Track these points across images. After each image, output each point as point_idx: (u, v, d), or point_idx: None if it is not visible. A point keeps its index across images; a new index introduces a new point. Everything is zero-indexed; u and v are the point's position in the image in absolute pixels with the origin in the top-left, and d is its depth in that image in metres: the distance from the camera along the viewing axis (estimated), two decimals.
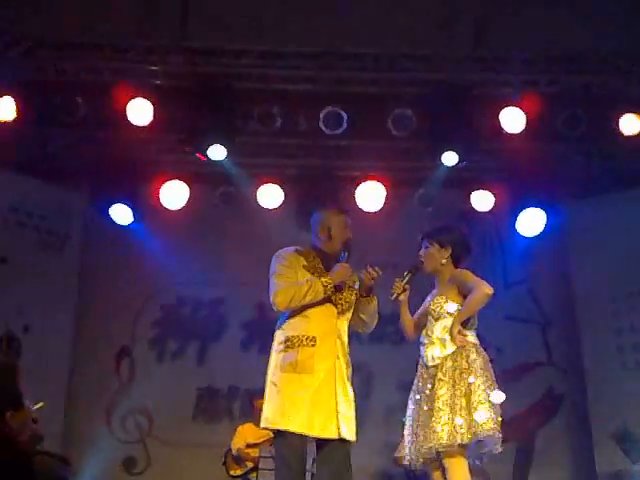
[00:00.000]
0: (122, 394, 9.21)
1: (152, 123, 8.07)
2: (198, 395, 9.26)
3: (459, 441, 4.49)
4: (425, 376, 4.75)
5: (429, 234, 5.05)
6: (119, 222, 8.74)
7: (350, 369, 4.58)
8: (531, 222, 8.61)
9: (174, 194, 8.82)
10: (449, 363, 4.67)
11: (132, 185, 8.81)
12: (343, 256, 4.61)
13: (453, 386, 4.60)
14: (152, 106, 8.00)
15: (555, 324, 9.39)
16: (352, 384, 4.59)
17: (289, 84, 8.28)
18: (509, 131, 8.00)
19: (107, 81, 8.12)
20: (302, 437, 4.33)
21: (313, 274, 4.54)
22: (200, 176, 8.96)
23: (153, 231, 9.01)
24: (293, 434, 4.30)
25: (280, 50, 8.07)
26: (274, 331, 4.67)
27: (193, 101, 8.12)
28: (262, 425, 4.48)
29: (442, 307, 4.82)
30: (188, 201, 8.87)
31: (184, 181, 8.85)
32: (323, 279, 4.46)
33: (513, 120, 7.93)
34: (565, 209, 8.81)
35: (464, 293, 4.80)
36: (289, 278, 4.52)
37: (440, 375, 4.64)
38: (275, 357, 4.51)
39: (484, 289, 4.67)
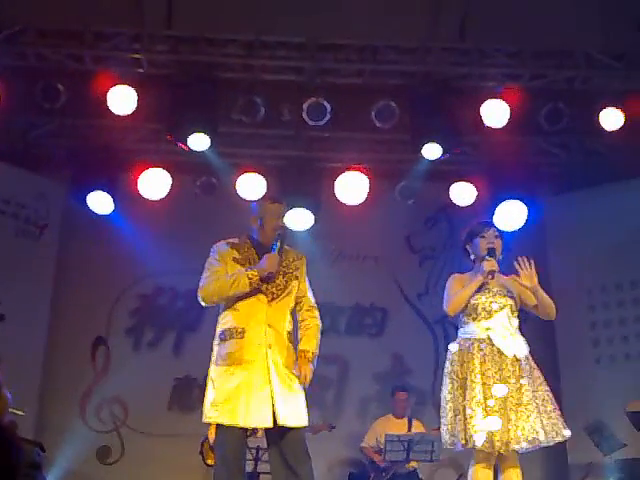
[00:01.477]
0: (97, 383, 9.15)
1: (134, 111, 8.02)
2: (174, 385, 9.22)
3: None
4: (503, 365, 4.72)
5: (496, 227, 5.08)
6: (97, 211, 8.64)
7: (292, 357, 4.54)
8: (510, 216, 8.64)
9: (154, 184, 8.74)
10: (530, 362, 4.78)
11: (112, 174, 8.73)
12: (274, 246, 4.56)
13: (534, 384, 4.72)
14: (134, 94, 7.95)
15: (530, 317, 9.43)
16: (295, 372, 4.53)
17: (273, 74, 8.29)
18: (492, 125, 8.05)
19: (89, 69, 8.08)
20: (236, 429, 4.35)
21: (244, 265, 4.53)
22: (181, 166, 8.89)
23: (132, 220, 8.94)
24: (227, 427, 4.33)
25: (264, 40, 8.07)
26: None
27: (176, 90, 8.07)
28: (203, 419, 4.48)
29: (518, 304, 4.94)
30: (169, 190, 8.80)
31: (165, 170, 8.77)
32: (249, 272, 4.44)
33: (496, 114, 7.99)
34: (543, 203, 8.86)
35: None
36: (217, 272, 4.53)
37: (528, 369, 4.72)
38: (213, 351, 4.54)
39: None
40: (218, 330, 4.55)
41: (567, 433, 4.65)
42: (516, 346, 4.78)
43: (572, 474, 8.44)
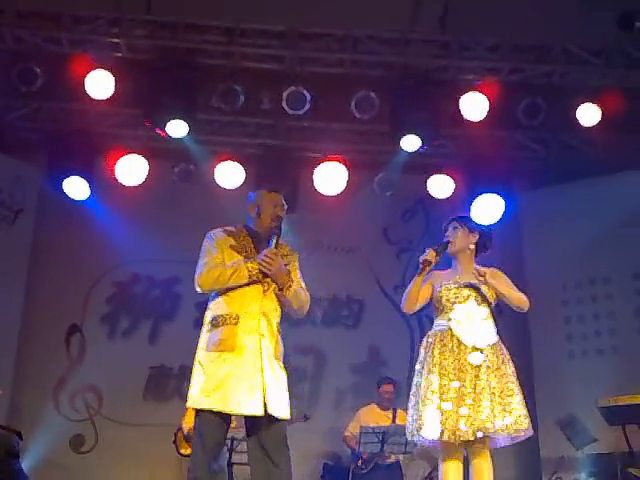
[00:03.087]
0: (71, 371, 9.07)
1: (112, 96, 7.98)
2: (149, 374, 9.17)
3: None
4: (460, 354, 4.76)
5: (459, 218, 5.16)
6: (73, 196, 8.59)
7: (280, 348, 4.53)
8: (486, 209, 8.67)
9: (131, 170, 8.71)
10: (496, 350, 4.80)
11: (89, 159, 8.69)
12: (271, 241, 4.53)
13: (499, 373, 4.73)
14: (112, 79, 7.91)
15: (505, 311, 9.45)
16: (282, 363, 4.52)
17: (253, 62, 8.26)
18: (470, 118, 8.08)
19: (67, 52, 8.02)
20: (222, 416, 4.32)
21: (241, 254, 4.52)
22: (159, 152, 8.86)
23: (109, 206, 8.88)
24: (213, 412, 4.30)
25: (245, 27, 8.04)
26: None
27: (155, 76, 8.02)
28: (187, 404, 4.44)
29: (486, 295, 4.93)
30: (146, 177, 8.77)
31: (142, 156, 8.74)
32: (249, 264, 4.42)
33: (475, 107, 8.03)
34: (520, 197, 8.90)
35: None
36: (214, 259, 4.49)
37: (491, 359, 4.74)
38: (202, 337, 4.48)
39: (527, 301, 5.04)
40: (209, 316, 4.50)
41: (529, 432, 4.68)
42: (477, 336, 4.81)
43: (544, 468, 8.46)
